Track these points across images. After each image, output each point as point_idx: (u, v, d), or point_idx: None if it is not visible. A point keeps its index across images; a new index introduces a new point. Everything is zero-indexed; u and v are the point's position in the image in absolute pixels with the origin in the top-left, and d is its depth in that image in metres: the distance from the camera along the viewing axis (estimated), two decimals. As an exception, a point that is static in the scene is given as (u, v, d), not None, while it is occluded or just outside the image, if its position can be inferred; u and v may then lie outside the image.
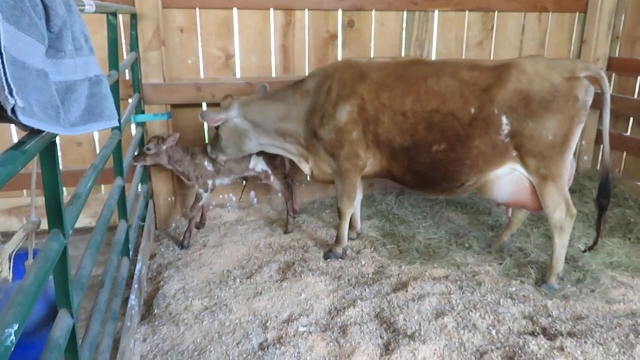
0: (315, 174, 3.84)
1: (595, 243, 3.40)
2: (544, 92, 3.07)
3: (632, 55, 4.93)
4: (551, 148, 3.13)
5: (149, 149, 3.87)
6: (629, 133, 5.01)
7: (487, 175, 3.30)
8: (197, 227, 4.29)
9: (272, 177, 4.20)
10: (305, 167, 3.86)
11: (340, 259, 3.76)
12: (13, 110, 1.09)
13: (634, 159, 4.97)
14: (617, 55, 5.07)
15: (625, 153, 5.06)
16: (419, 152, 3.34)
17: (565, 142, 3.14)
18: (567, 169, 3.22)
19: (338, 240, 3.84)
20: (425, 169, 3.39)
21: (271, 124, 3.69)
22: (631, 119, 4.97)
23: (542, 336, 2.79)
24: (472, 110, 3.17)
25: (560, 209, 3.22)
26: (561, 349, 2.66)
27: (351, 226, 4.13)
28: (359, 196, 4.11)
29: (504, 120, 3.13)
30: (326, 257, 3.78)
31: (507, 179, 3.30)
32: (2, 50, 1.05)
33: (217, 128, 3.77)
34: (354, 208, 3.85)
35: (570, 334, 2.81)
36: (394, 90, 3.33)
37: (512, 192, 3.34)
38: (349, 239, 4.08)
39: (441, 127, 3.24)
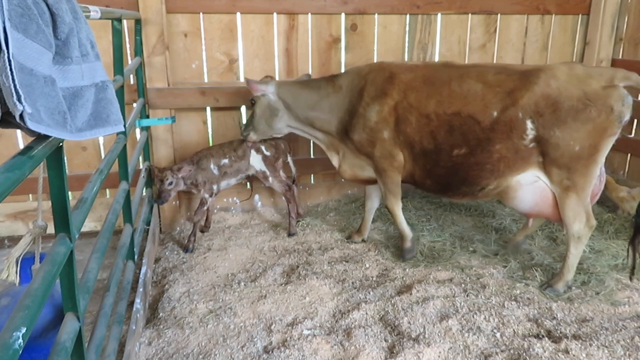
0: (342, 169, 3.87)
1: (633, 267, 3.18)
2: (574, 100, 2.95)
3: (635, 57, 4.93)
4: (577, 160, 3.01)
5: (170, 184, 3.83)
6: (633, 135, 4.99)
7: (508, 180, 3.23)
8: (202, 231, 4.30)
9: (270, 179, 4.22)
10: (335, 159, 3.91)
11: (412, 257, 3.76)
12: (21, 116, 1.10)
13: (638, 161, 4.95)
14: (620, 57, 5.06)
15: (629, 155, 5.04)
16: (440, 156, 3.33)
17: (593, 155, 3.02)
18: (592, 182, 3.11)
19: (403, 237, 3.82)
20: (445, 172, 3.37)
21: (301, 111, 3.78)
22: (635, 121, 4.96)
23: (546, 339, 2.78)
24: (495, 113, 3.11)
25: (580, 220, 3.16)
26: (566, 351, 2.66)
27: (359, 230, 4.14)
28: (375, 204, 4.12)
29: (529, 125, 3.05)
30: (400, 257, 3.78)
31: (531, 189, 3.23)
32: (11, 57, 1.07)
33: (253, 105, 3.89)
34: (401, 203, 3.80)
35: (575, 337, 2.81)
36: (420, 92, 3.34)
37: (535, 204, 3.27)
38: (354, 242, 4.09)
39: (462, 130, 3.21)
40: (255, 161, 4.18)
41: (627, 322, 2.94)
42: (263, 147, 4.16)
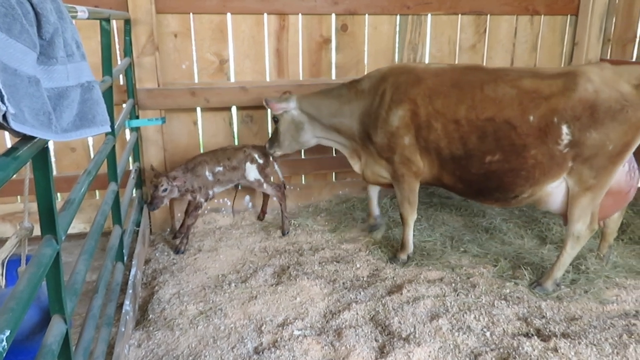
0: (366, 174, 3.90)
1: None
2: (612, 102, 2.93)
3: (623, 57, 4.98)
4: (607, 158, 3.00)
5: (165, 190, 3.74)
6: None
7: (543, 188, 3.20)
8: (176, 236, 4.24)
9: (264, 185, 4.22)
10: (357, 165, 3.94)
11: (404, 265, 3.72)
12: (5, 117, 1.09)
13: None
14: (608, 57, 5.11)
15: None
16: (472, 162, 3.27)
17: (623, 152, 3.01)
18: (612, 180, 3.11)
19: (403, 246, 3.81)
20: (478, 179, 3.31)
21: (325, 119, 3.82)
22: None
23: (536, 337, 2.80)
24: (531, 118, 3.07)
25: (584, 221, 3.17)
26: (555, 350, 2.67)
27: (369, 214, 4.17)
28: (376, 188, 4.13)
29: (565, 129, 3.02)
30: (392, 261, 3.77)
31: (559, 191, 3.21)
32: (-6, 57, 1.06)
33: (276, 122, 3.96)
34: (416, 214, 3.77)
35: (564, 335, 2.83)
36: (449, 97, 3.28)
37: (566, 203, 3.22)
38: (372, 228, 4.15)
39: (496, 136, 3.15)
40: (251, 171, 4.16)
41: (615, 320, 2.97)
42: (256, 156, 4.15)
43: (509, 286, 3.37)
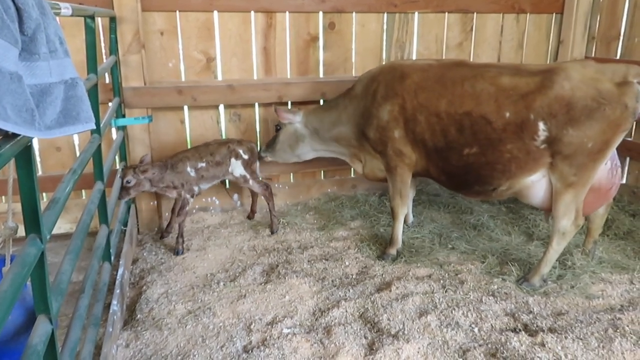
0: (366, 172, 4.05)
1: None
2: (588, 100, 2.94)
3: (607, 55, 5.03)
4: (587, 155, 3.03)
5: (128, 182, 3.69)
6: (632, 138, 4.80)
7: (520, 181, 3.25)
8: (163, 236, 4.20)
9: (250, 182, 4.20)
10: (359, 166, 4.12)
11: (393, 261, 3.74)
12: (-14, 114, 1.08)
13: (638, 165, 4.80)
14: (593, 55, 5.16)
15: (629, 159, 4.85)
16: (452, 154, 3.38)
17: (604, 150, 3.03)
18: (595, 177, 3.15)
19: (392, 241, 3.84)
20: (458, 171, 3.42)
21: (327, 131, 4.04)
22: (634, 123, 4.76)
23: (523, 332, 2.82)
24: (507, 114, 3.13)
25: (569, 217, 3.19)
26: (542, 344, 2.70)
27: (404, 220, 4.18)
28: (411, 194, 4.21)
29: (541, 126, 3.05)
30: (380, 258, 3.79)
31: (540, 185, 3.25)
32: (-26, 53, 1.04)
33: (277, 130, 4.17)
34: (407, 208, 3.89)
35: (551, 330, 2.86)
36: (432, 91, 3.40)
37: (547, 198, 3.26)
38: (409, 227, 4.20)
39: (473, 130, 3.24)
40: (236, 167, 4.15)
41: (600, 315, 3.00)
42: (241, 151, 4.14)
43: (497, 282, 3.40)
